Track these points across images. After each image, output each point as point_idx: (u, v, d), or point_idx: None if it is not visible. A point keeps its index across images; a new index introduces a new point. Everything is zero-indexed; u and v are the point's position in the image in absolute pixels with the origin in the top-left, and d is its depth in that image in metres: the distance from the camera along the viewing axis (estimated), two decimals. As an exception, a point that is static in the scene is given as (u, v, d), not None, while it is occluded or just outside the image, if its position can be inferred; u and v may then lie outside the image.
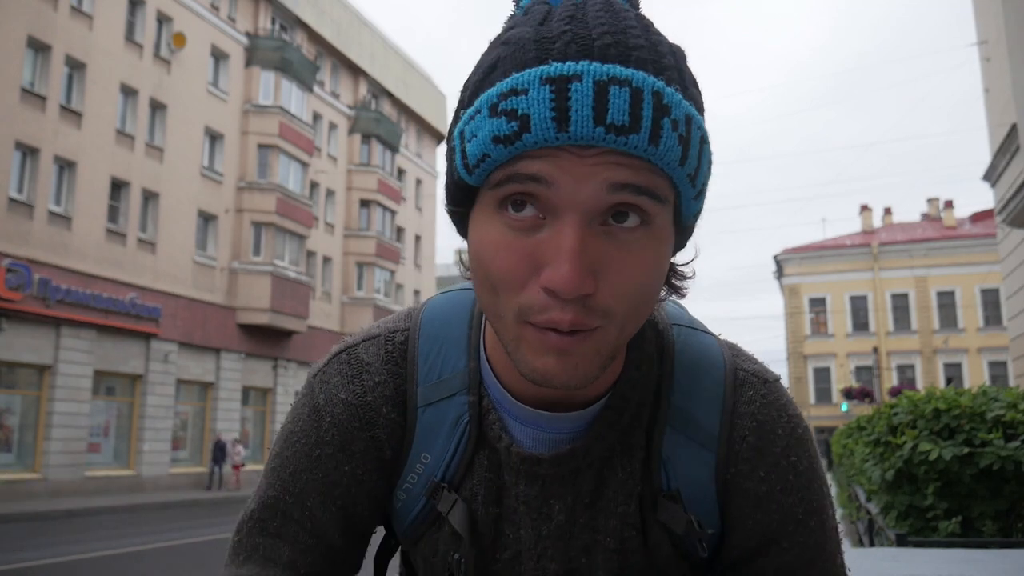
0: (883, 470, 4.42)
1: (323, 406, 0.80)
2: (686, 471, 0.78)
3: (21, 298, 17.24)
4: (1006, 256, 16.48)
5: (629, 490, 0.78)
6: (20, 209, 17.78)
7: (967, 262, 40.94)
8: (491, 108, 0.61)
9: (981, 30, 16.60)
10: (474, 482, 0.80)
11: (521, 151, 0.60)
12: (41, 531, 12.78)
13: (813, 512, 0.78)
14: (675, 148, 0.60)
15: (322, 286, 29.15)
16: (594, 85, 0.58)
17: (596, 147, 0.59)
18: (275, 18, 26.99)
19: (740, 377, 0.80)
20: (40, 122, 18.25)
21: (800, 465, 0.78)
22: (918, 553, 3.12)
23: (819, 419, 42.57)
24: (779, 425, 0.78)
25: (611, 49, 0.60)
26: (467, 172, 0.64)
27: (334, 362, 0.83)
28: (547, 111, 0.58)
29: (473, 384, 0.79)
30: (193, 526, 13.71)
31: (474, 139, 0.63)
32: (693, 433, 0.78)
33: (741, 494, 0.78)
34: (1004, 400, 4.20)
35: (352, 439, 0.80)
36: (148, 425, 20.92)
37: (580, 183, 0.60)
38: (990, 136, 16.06)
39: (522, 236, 0.62)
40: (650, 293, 0.66)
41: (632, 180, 0.60)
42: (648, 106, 0.59)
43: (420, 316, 0.84)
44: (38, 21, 18.25)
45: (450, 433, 0.79)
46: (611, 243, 0.62)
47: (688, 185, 0.64)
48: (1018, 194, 12.13)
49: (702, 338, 0.84)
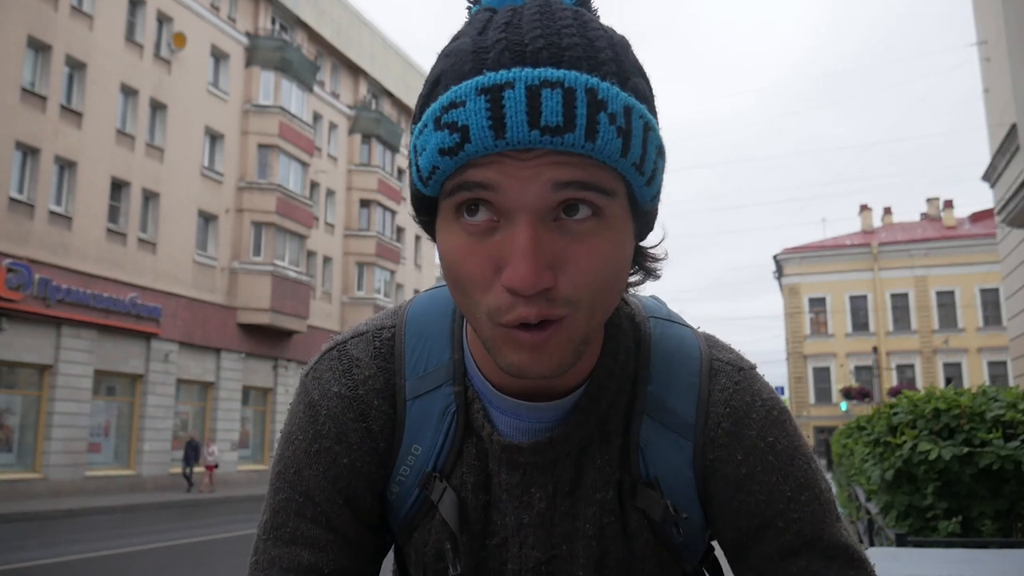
0: (883, 470, 4.43)
1: (318, 401, 0.82)
2: (663, 459, 0.80)
3: (21, 298, 17.24)
4: (1006, 256, 16.48)
5: (607, 477, 0.80)
6: (20, 209, 17.78)
7: (967, 262, 40.95)
8: (435, 122, 0.64)
9: (981, 30, 16.61)
10: (463, 470, 0.81)
11: (465, 160, 0.63)
12: (41, 531, 12.78)
13: (802, 487, 0.78)
14: (614, 141, 0.62)
15: (322, 286, 29.15)
16: (526, 90, 0.60)
17: (535, 149, 0.61)
18: (275, 18, 26.99)
19: (715, 367, 0.82)
20: (40, 122, 18.25)
21: (779, 444, 0.79)
22: (918, 553, 3.13)
23: (819, 419, 42.58)
24: (753, 409, 0.80)
25: (543, 52, 0.62)
26: (422, 184, 0.68)
27: (325, 359, 0.85)
28: (484, 120, 0.61)
29: (458, 375, 0.82)
30: (192, 526, 13.71)
31: (424, 152, 0.65)
32: (670, 421, 0.80)
33: (722, 479, 0.79)
34: (1004, 400, 4.21)
35: (348, 431, 0.81)
36: (148, 425, 20.93)
37: (525, 185, 0.62)
38: (990, 136, 16.06)
39: (481, 239, 0.65)
40: (612, 279, 0.67)
41: (575, 177, 0.62)
42: (582, 104, 0.61)
43: (406, 312, 0.87)
44: (38, 21, 18.25)
45: (438, 423, 0.82)
46: (565, 236, 0.64)
47: (636, 174, 0.66)
48: (1018, 194, 12.14)
49: (679, 330, 0.86)
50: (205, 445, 21.62)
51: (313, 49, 28.70)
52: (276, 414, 26.18)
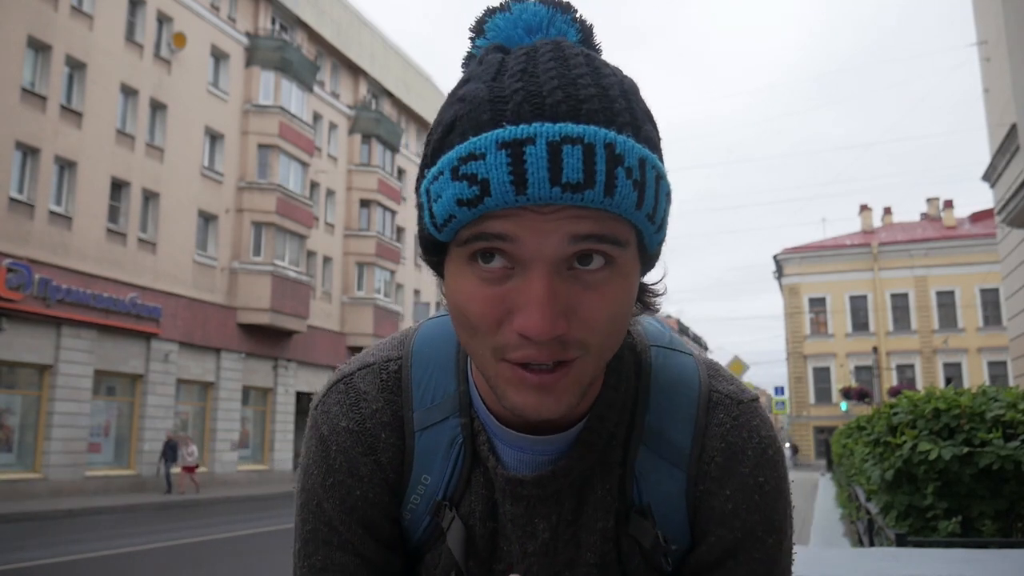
0: (883, 470, 4.43)
1: (328, 436, 0.84)
2: (658, 488, 0.81)
3: (21, 298, 17.23)
4: (1006, 256, 16.48)
5: (607, 507, 0.81)
6: (20, 209, 17.78)
7: (967, 262, 40.95)
8: (452, 171, 0.64)
9: (981, 30, 16.61)
10: (472, 499, 0.83)
11: (484, 212, 0.63)
12: (41, 531, 12.78)
13: (772, 531, 0.80)
14: (631, 195, 0.63)
15: (322, 286, 29.15)
16: (547, 147, 0.61)
17: (555, 204, 0.62)
18: (275, 18, 26.99)
19: (714, 399, 0.83)
20: (40, 122, 18.25)
21: (767, 485, 0.80)
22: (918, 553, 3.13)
23: (819, 419, 42.58)
24: (749, 446, 0.81)
25: (562, 106, 0.63)
26: (436, 230, 0.68)
27: (332, 392, 0.87)
28: (505, 175, 0.61)
29: (464, 406, 0.83)
30: (192, 526, 13.71)
31: (439, 199, 0.66)
32: (666, 452, 0.81)
33: (707, 511, 0.81)
34: (1004, 400, 4.21)
35: (358, 464, 0.83)
36: (148, 425, 20.92)
37: (543, 238, 0.63)
38: (990, 136, 16.06)
39: (494, 285, 0.66)
40: (620, 322, 0.69)
41: (592, 231, 0.64)
42: (601, 160, 0.62)
43: (412, 343, 0.88)
44: (38, 21, 18.25)
45: (446, 454, 0.83)
46: (578, 285, 0.65)
47: (648, 224, 0.67)
48: (1018, 194, 12.14)
49: (680, 359, 0.86)
50: (184, 445, 20.66)
51: (313, 49, 28.70)
52: (276, 414, 26.17)
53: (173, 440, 20.46)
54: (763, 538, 0.80)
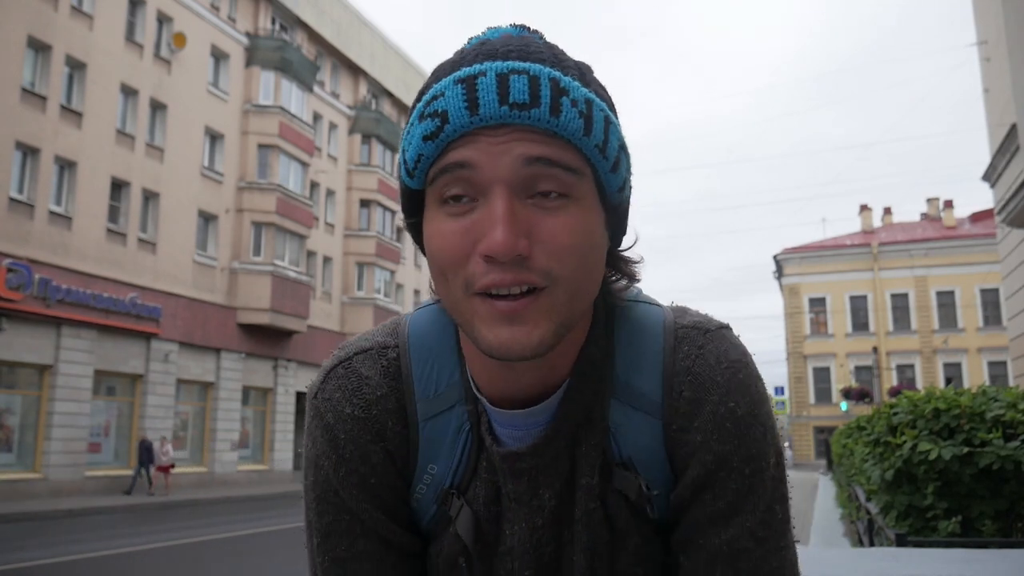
0: (883, 470, 4.43)
1: (334, 424, 0.83)
2: (635, 439, 0.80)
3: (21, 298, 17.24)
4: (1006, 256, 16.48)
5: (592, 461, 0.81)
6: (21, 209, 17.78)
7: (967, 262, 40.95)
8: (419, 116, 0.72)
9: (981, 30, 16.61)
10: (477, 484, 0.83)
11: (446, 141, 0.70)
12: (41, 531, 12.78)
13: (749, 459, 0.77)
14: (576, 120, 0.69)
15: (322, 286, 29.16)
16: (496, 76, 0.69)
17: (506, 126, 0.68)
18: (275, 18, 27.00)
19: (679, 335, 0.81)
20: (40, 122, 18.25)
21: (738, 411, 0.77)
22: (918, 553, 3.13)
23: (819, 419, 42.58)
24: (717, 372, 0.78)
25: (511, 52, 0.71)
26: (410, 177, 0.74)
27: (332, 377, 0.85)
28: (460, 103, 0.69)
29: (469, 394, 0.83)
30: (192, 526, 13.71)
31: (410, 146, 0.73)
32: (637, 402, 0.80)
33: (682, 447, 0.79)
34: (1004, 400, 4.21)
35: (369, 452, 0.82)
36: (148, 425, 20.91)
37: (497, 159, 0.68)
38: (990, 136, 16.06)
39: (460, 219, 0.70)
40: (587, 257, 0.72)
41: (543, 153, 0.68)
42: (546, 87, 0.69)
43: (407, 331, 0.87)
44: (38, 21, 18.25)
45: (453, 442, 0.83)
46: (538, 211, 0.70)
47: (599, 156, 0.72)
48: (1017, 194, 12.14)
49: (645, 308, 0.85)
50: (159, 444, 20.19)
51: (313, 49, 28.71)
52: (276, 414, 26.17)
53: (147, 441, 19.87)
54: (739, 467, 0.77)
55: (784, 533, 0.79)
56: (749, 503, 0.77)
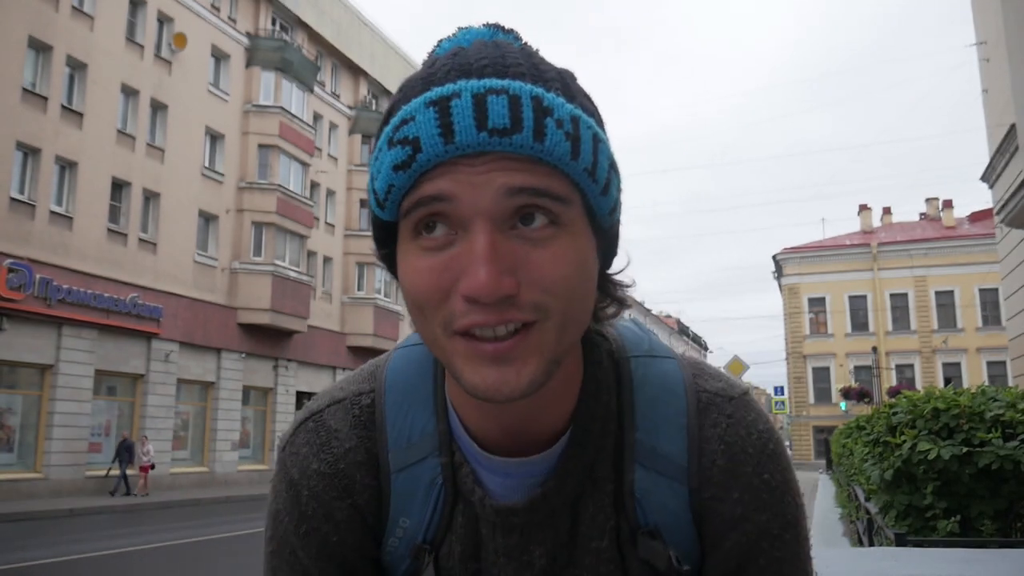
0: (882, 470, 4.44)
1: (298, 480, 0.80)
2: (661, 505, 0.77)
3: (22, 298, 17.24)
4: (1005, 256, 16.49)
5: (601, 524, 0.78)
6: (21, 209, 17.79)
7: (966, 262, 40.95)
8: (388, 142, 0.65)
9: (980, 30, 16.62)
10: (452, 539, 0.80)
11: (419, 172, 0.63)
12: (41, 531, 12.79)
13: (788, 526, 0.77)
14: (562, 143, 0.62)
15: (322, 286, 29.15)
16: (472, 98, 0.61)
17: (485, 154, 0.61)
18: (275, 18, 26.99)
19: (703, 400, 0.79)
20: (41, 122, 18.25)
21: (773, 481, 0.77)
22: (917, 553, 3.14)
23: (818, 419, 42.57)
24: (748, 444, 0.77)
25: (487, 68, 0.64)
26: (380, 208, 0.67)
27: (301, 431, 0.82)
28: (434, 128, 0.62)
29: (444, 444, 0.79)
30: (192, 526, 13.72)
31: (379, 175, 0.66)
32: (663, 468, 0.77)
33: (717, 517, 0.77)
34: (1003, 400, 4.22)
35: (333, 509, 0.79)
36: (149, 425, 20.91)
37: (478, 191, 0.61)
38: (989, 136, 16.07)
39: (437, 254, 0.64)
40: (579, 289, 0.66)
41: (527, 183, 0.62)
42: (528, 108, 0.62)
43: (384, 376, 0.83)
44: (39, 21, 18.25)
45: (426, 496, 0.79)
46: (523, 243, 0.63)
47: (589, 180, 0.65)
48: (1017, 194, 12.15)
49: (661, 365, 0.82)
50: (140, 444, 19.72)
51: (313, 49, 28.70)
52: (276, 414, 26.17)
53: (128, 440, 19.55)
54: (780, 535, 0.76)
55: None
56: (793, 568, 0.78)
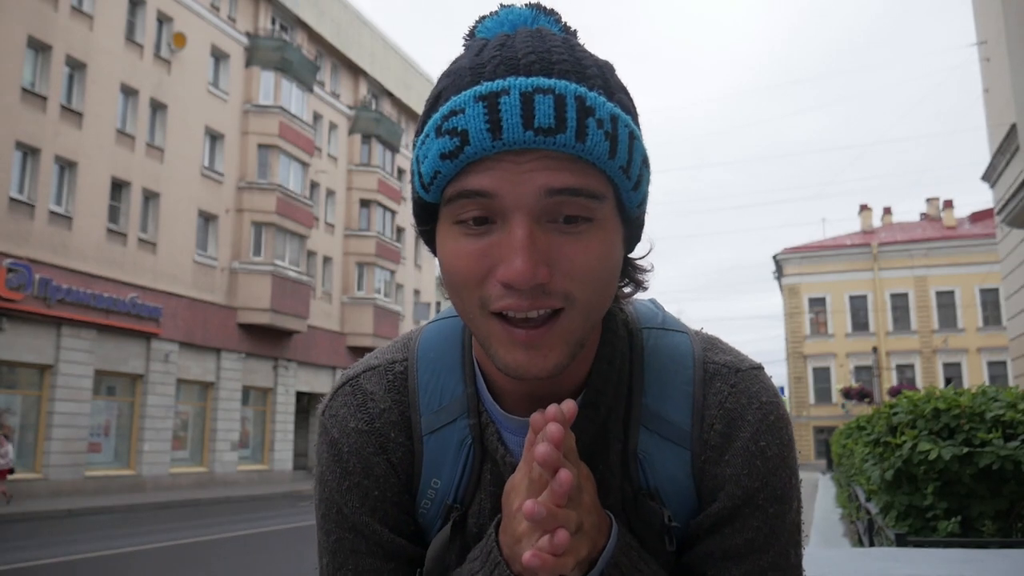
0: (883, 470, 4.43)
1: (338, 439, 0.84)
2: (663, 469, 0.80)
3: (22, 298, 17.24)
4: (1005, 256, 16.48)
5: (609, 484, 0.80)
6: (21, 209, 17.78)
7: (966, 262, 40.96)
8: (436, 130, 0.69)
9: (981, 30, 16.61)
10: (482, 496, 0.84)
11: (465, 163, 0.67)
12: (41, 531, 12.78)
13: (775, 499, 0.78)
14: (602, 143, 0.67)
15: (322, 286, 29.15)
16: (520, 96, 0.66)
17: (530, 151, 0.66)
18: (275, 18, 26.99)
19: (710, 370, 0.82)
20: (41, 122, 18.25)
21: (769, 451, 0.78)
22: (918, 553, 3.13)
23: (819, 419, 42.59)
24: (749, 412, 0.79)
25: (535, 65, 0.68)
26: (424, 191, 0.72)
27: (339, 395, 0.87)
28: (482, 123, 0.66)
29: (472, 407, 0.83)
30: (192, 526, 13.71)
31: (426, 160, 0.70)
32: (667, 432, 0.81)
33: (710, 479, 0.79)
34: (1003, 400, 4.21)
35: (372, 464, 0.83)
36: (148, 425, 20.93)
37: (520, 187, 0.66)
38: (989, 136, 16.06)
39: (478, 240, 0.69)
40: (605, 279, 0.71)
41: (567, 184, 0.67)
42: (572, 108, 0.66)
43: (416, 345, 0.88)
44: (38, 21, 18.25)
45: (456, 456, 0.84)
46: (557, 235, 0.68)
47: (623, 177, 0.70)
48: (1017, 194, 12.14)
49: (672, 338, 0.85)
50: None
51: (313, 49, 28.70)
52: (276, 414, 26.17)
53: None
54: (763, 506, 0.78)
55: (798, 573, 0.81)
56: (767, 543, 0.78)
